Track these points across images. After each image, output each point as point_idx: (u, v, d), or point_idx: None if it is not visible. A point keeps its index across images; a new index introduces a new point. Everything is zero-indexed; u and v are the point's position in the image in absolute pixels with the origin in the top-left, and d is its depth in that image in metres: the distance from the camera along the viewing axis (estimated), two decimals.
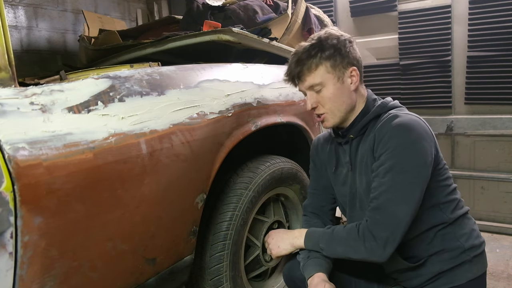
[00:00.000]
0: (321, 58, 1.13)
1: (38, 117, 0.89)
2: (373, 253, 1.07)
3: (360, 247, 1.09)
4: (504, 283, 1.96)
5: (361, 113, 1.19)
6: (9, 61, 0.91)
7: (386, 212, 1.06)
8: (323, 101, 1.16)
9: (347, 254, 1.13)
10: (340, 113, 1.17)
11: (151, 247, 1.12)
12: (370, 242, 1.07)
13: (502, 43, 2.45)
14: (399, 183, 1.06)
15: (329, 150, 1.33)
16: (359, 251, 1.09)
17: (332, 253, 1.17)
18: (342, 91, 1.16)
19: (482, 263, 1.18)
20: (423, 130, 1.09)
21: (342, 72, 1.15)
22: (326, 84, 1.14)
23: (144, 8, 3.59)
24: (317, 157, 1.40)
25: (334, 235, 1.17)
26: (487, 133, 2.59)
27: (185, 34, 1.71)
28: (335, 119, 1.18)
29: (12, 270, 0.83)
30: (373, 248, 1.07)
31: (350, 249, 1.11)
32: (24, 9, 2.66)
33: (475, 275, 1.15)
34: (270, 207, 1.69)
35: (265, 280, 1.74)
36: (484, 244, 1.21)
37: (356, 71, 1.17)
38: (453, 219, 1.16)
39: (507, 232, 2.54)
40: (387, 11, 2.82)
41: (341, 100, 1.16)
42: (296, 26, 2.12)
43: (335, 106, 1.16)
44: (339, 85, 1.15)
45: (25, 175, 0.83)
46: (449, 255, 1.15)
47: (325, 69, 1.14)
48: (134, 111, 1.07)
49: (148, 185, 1.07)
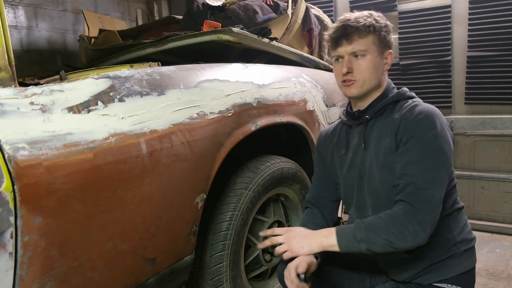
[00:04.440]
0: (374, 30, 1.20)
1: (38, 117, 0.89)
2: (417, 237, 1.07)
3: (404, 232, 1.07)
4: (504, 283, 1.96)
5: (380, 96, 1.24)
6: (9, 61, 0.91)
7: (426, 195, 1.08)
8: (360, 68, 1.20)
9: (390, 242, 1.09)
10: (369, 85, 1.21)
11: (151, 247, 1.12)
12: (414, 226, 1.07)
13: (502, 43, 2.46)
14: (432, 167, 1.09)
15: (338, 137, 1.36)
16: (403, 237, 1.08)
17: (373, 244, 1.11)
18: (378, 66, 1.22)
19: (472, 258, 1.21)
20: (444, 119, 1.16)
21: (383, 50, 1.22)
22: (369, 54, 1.20)
23: (144, 8, 3.59)
24: (323, 147, 1.42)
25: (372, 224, 1.13)
26: (487, 133, 2.59)
27: (185, 34, 1.71)
28: (362, 89, 1.22)
29: (12, 270, 0.83)
30: (417, 232, 1.07)
31: (392, 236, 1.09)
32: (24, 9, 2.66)
33: (465, 269, 1.18)
34: (270, 207, 1.69)
35: (265, 280, 1.74)
36: (475, 241, 1.23)
37: (391, 55, 1.25)
38: (449, 211, 1.18)
39: (507, 232, 2.54)
40: (387, 11, 2.82)
41: (375, 73, 1.21)
42: (296, 26, 2.12)
43: (368, 76, 1.20)
44: (378, 60, 1.21)
45: (25, 175, 0.83)
46: (440, 246, 1.16)
47: (372, 40, 1.20)
48: (134, 111, 1.07)
49: (148, 185, 1.07)
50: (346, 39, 1.21)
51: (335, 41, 1.24)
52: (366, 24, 1.19)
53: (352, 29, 1.19)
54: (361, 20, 1.20)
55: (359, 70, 1.20)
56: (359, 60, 1.20)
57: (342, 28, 1.21)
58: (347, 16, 1.23)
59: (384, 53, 1.22)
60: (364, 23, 1.19)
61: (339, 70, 1.23)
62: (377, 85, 1.23)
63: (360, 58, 1.20)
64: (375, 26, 1.20)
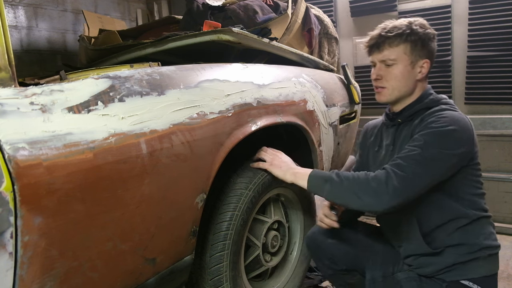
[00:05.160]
0: (406, 39, 1.22)
1: (38, 117, 0.89)
2: (377, 197, 1.08)
3: (368, 186, 1.10)
4: (504, 283, 1.96)
5: (415, 101, 1.27)
6: (9, 61, 0.91)
7: (406, 169, 1.10)
8: (389, 76, 1.23)
9: (352, 192, 1.12)
10: (398, 93, 1.25)
11: (151, 247, 1.12)
12: (380, 185, 1.09)
13: (502, 43, 2.46)
14: (428, 155, 1.11)
15: (376, 133, 1.43)
16: (366, 190, 1.10)
17: (335, 188, 1.16)
18: (409, 76, 1.24)
19: (495, 264, 1.23)
20: (464, 125, 1.17)
21: (417, 59, 1.24)
22: (399, 63, 1.22)
23: (144, 8, 3.59)
24: (363, 140, 1.49)
25: (345, 174, 1.18)
26: (487, 133, 2.59)
27: (185, 34, 1.71)
28: (391, 97, 1.26)
29: (12, 270, 0.83)
30: (380, 192, 1.08)
31: (356, 186, 1.12)
32: (24, 9, 2.66)
33: (488, 273, 1.20)
34: (270, 207, 1.69)
35: (265, 280, 1.74)
36: (499, 249, 1.25)
37: (427, 64, 1.26)
38: (474, 217, 1.19)
39: (507, 232, 2.54)
40: (387, 11, 2.82)
41: (405, 82, 1.24)
42: (296, 26, 2.12)
43: (397, 85, 1.23)
44: (409, 69, 1.23)
45: (25, 175, 0.83)
46: (466, 249, 1.18)
47: (404, 49, 1.22)
48: (134, 111, 1.07)
49: (148, 185, 1.07)
50: (377, 48, 1.25)
51: (369, 49, 1.29)
52: (399, 33, 1.21)
53: (383, 38, 1.23)
54: (395, 30, 1.22)
55: (388, 78, 1.24)
56: (389, 69, 1.23)
57: (377, 36, 1.25)
58: (386, 23, 1.26)
59: (418, 62, 1.23)
60: (397, 32, 1.22)
61: (372, 75, 1.29)
62: (408, 94, 1.26)
63: (390, 67, 1.23)
64: (408, 35, 1.21)
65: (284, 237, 1.74)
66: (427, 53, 1.24)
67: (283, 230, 1.74)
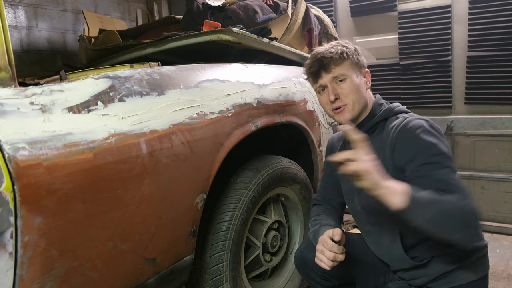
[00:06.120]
0: (346, 56, 1.24)
1: (38, 117, 0.89)
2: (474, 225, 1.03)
3: (474, 215, 1.01)
4: (504, 283, 1.96)
5: (368, 116, 1.27)
6: (9, 61, 0.91)
7: (455, 183, 1.04)
8: (345, 92, 1.23)
9: (463, 221, 0.99)
10: (359, 106, 1.24)
11: (151, 247, 1.12)
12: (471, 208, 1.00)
13: (502, 43, 2.45)
14: (449, 175, 1.05)
15: (340, 148, 1.40)
16: (474, 219, 1.01)
17: (442, 218, 0.99)
18: (361, 86, 1.25)
19: (484, 265, 1.20)
20: (438, 128, 1.17)
21: (360, 70, 1.27)
22: (350, 76, 1.24)
23: (144, 8, 3.59)
24: (330, 154, 1.44)
25: (440, 196, 1.02)
26: (487, 133, 2.58)
27: (185, 34, 1.71)
28: (354, 112, 1.24)
29: (12, 270, 0.83)
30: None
31: (465, 215, 0.99)
32: (24, 9, 2.66)
33: (477, 276, 1.18)
34: (270, 207, 1.69)
35: (265, 280, 1.74)
36: (487, 248, 1.22)
37: (369, 74, 1.30)
38: None
39: (507, 232, 2.54)
40: (387, 11, 2.82)
41: (361, 93, 1.24)
42: (296, 26, 2.12)
43: (356, 97, 1.23)
44: (359, 80, 1.25)
45: (25, 175, 0.83)
46: (451, 257, 1.16)
47: (348, 64, 1.24)
48: (134, 111, 1.07)
49: (148, 185, 1.07)
50: (324, 70, 1.25)
51: (315, 75, 1.28)
52: (339, 52, 1.24)
53: (327, 59, 1.24)
54: (333, 50, 1.25)
55: (345, 94, 1.23)
56: (343, 84, 1.23)
57: (318, 61, 1.26)
58: (318, 50, 1.29)
59: (361, 73, 1.27)
60: (336, 51, 1.24)
61: (325, 100, 1.26)
62: (365, 105, 1.26)
63: (343, 82, 1.23)
64: (347, 52, 1.25)
65: (284, 237, 1.74)
66: (364, 64, 1.30)
67: (283, 230, 1.74)
